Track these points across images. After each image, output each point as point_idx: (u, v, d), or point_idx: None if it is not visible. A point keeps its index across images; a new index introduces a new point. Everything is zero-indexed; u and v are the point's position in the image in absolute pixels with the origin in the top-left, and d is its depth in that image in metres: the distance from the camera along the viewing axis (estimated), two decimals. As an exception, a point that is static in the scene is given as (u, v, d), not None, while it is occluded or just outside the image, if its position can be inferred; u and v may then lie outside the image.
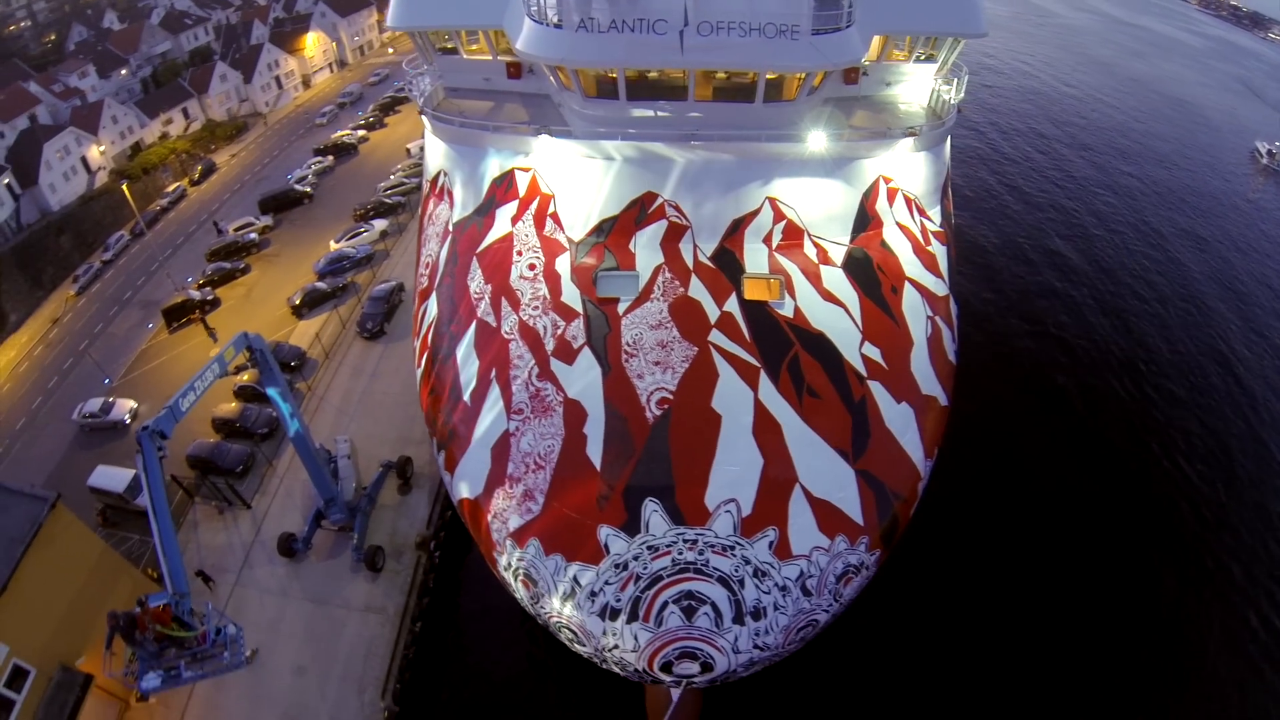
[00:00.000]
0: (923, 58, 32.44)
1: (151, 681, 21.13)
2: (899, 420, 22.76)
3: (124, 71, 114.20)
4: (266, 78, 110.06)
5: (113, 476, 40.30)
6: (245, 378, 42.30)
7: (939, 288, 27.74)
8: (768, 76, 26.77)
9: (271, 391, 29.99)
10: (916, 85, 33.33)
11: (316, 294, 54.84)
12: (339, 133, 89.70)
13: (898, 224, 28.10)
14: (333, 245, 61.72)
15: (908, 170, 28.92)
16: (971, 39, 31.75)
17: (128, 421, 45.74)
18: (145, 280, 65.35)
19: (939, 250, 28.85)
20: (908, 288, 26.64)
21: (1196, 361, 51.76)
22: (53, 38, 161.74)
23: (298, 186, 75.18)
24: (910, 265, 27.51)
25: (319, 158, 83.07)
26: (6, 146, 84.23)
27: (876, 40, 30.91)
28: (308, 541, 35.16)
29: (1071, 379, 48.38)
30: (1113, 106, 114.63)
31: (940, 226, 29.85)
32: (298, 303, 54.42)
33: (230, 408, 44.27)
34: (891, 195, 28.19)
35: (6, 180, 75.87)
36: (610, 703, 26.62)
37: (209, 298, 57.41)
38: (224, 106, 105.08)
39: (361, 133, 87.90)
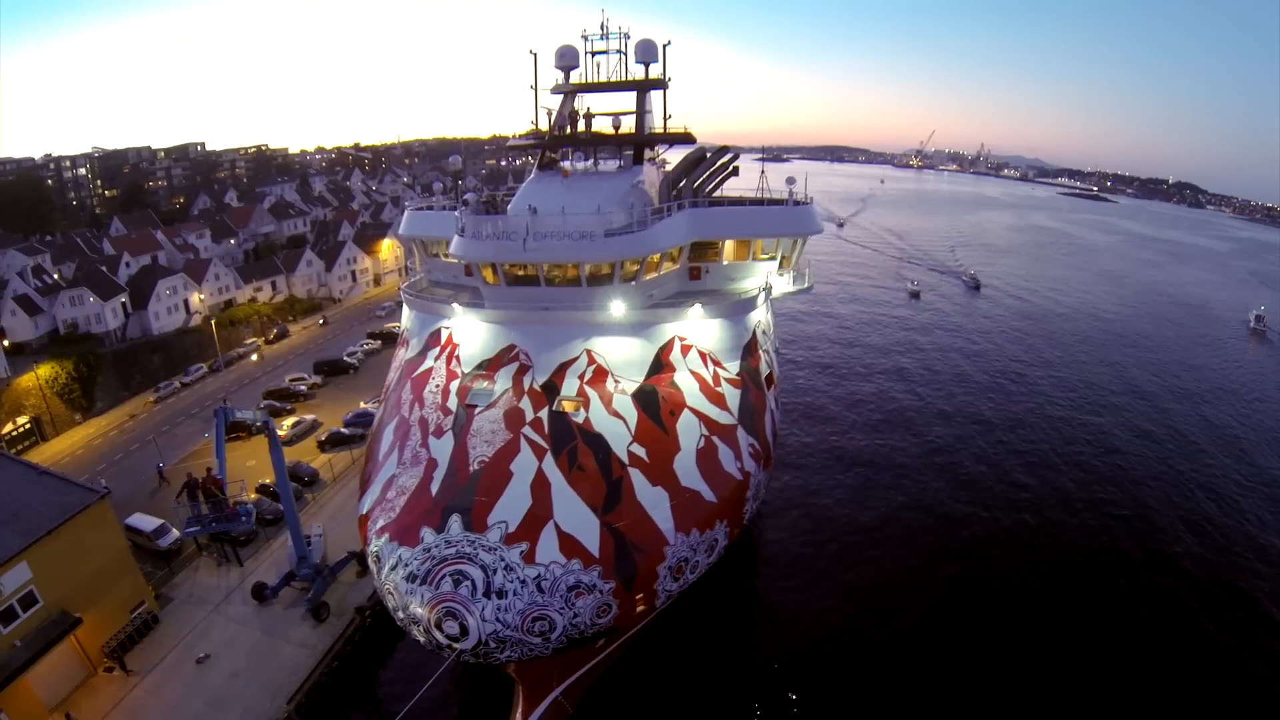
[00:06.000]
0: (767, 257, 46.02)
1: (192, 526, 36.61)
2: (651, 498, 30.59)
3: (233, 241, 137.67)
4: (344, 270, 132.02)
5: (145, 521, 54.13)
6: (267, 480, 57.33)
7: (723, 418, 36.43)
8: (588, 268, 38.84)
9: (273, 452, 44.52)
10: (761, 279, 45.63)
11: (339, 436, 70.67)
12: (392, 324, 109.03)
13: (690, 370, 37.88)
14: (361, 405, 78.33)
15: (702, 332, 39.20)
16: (807, 237, 46.28)
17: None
18: (211, 404, 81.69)
19: (730, 391, 38.03)
20: (686, 413, 35.57)
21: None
22: (181, 200, 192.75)
23: (347, 359, 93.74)
24: (693, 398, 36.49)
25: (370, 341, 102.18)
26: (129, 275, 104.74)
27: (722, 243, 45.16)
28: (275, 592, 46.29)
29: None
30: (1115, 308, 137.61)
31: (736, 375, 39.23)
32: (323, 440, 70.18)
33: (250, 497, 58.27)
34: (685, 349, 38.45)
35: (123, 299, 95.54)
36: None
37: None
38: (305, 287, 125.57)
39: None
